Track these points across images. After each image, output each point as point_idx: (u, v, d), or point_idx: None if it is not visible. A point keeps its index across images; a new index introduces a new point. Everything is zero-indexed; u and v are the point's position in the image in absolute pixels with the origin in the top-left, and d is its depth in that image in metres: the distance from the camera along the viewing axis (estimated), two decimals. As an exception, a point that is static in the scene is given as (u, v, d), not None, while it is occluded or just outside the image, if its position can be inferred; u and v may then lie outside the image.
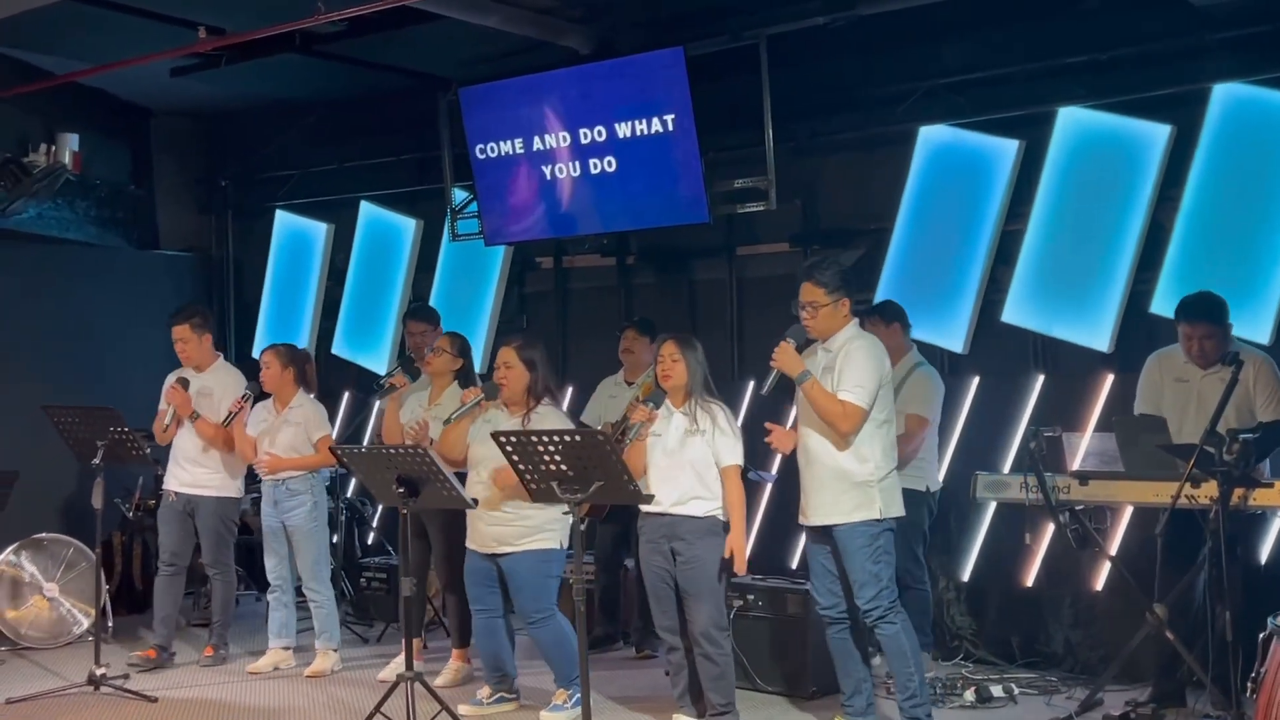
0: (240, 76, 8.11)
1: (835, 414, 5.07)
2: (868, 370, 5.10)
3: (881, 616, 5.10)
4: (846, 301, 5.22)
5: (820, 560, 5.29)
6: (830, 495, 5.14)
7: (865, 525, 5.10)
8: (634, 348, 7.13)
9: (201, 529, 7.03)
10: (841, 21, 6.56)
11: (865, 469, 5.11)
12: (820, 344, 5.28)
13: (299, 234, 9.65)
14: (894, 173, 7.02)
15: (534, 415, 5.70)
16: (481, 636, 5.94)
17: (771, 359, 5.19)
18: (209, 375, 7.09)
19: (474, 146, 7.78)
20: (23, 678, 6.75)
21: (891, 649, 5.15)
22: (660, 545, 5.37)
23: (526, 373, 5.72)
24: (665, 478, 5.34)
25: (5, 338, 8.42)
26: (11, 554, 7.47)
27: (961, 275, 6.86)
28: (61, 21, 6.62)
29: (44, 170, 7.81)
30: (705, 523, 5.33)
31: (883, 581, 5.11)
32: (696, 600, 5.31)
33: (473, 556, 5.85)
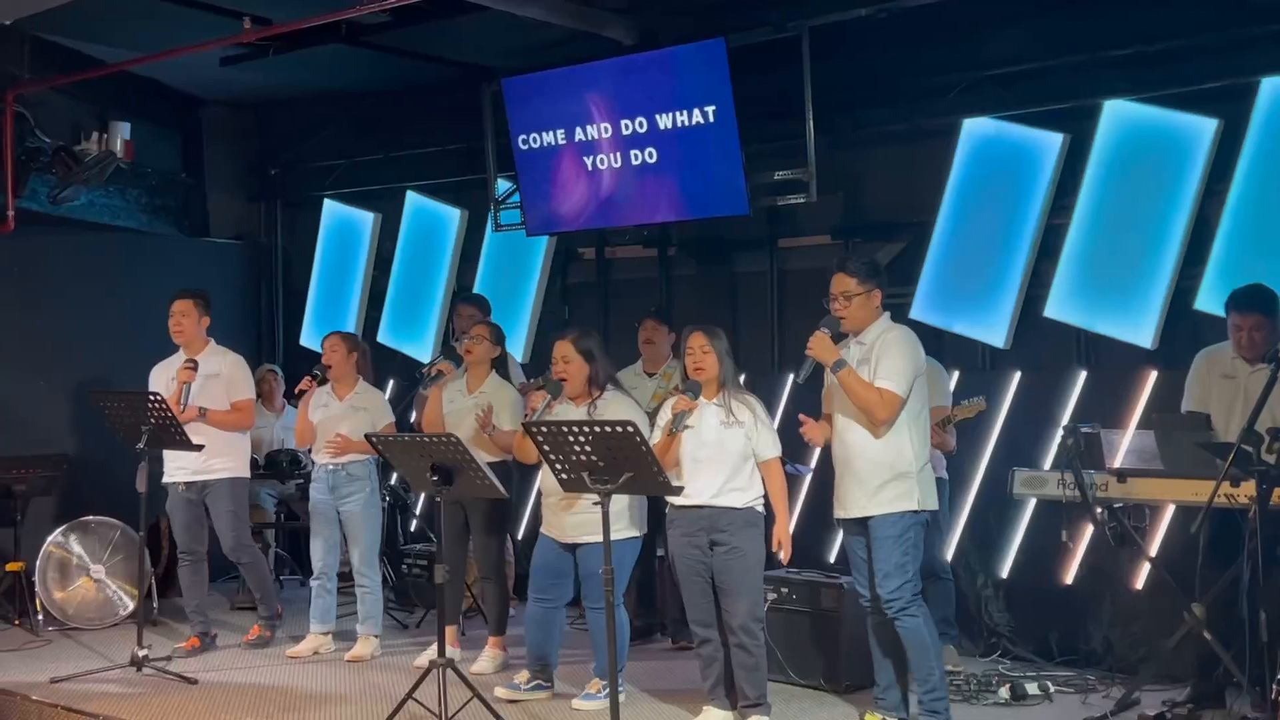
0: (288, 66, 8.20)
1: (872, 402, 5.06)
2: (905, 359, 5.11)
3: (904, 608, 5.09)
4: (878, 293, 5.24)
5: (859, 552, 5.28)
6: (870, 487, 5.13)
7: (900, 516, 5.10)
8: (654, 338, 7.14)
9: (216, 514, 7.00)
10: (885, 13, 6.51)
11: (905, 460, 5.11)
12: (853, 338, 5.26)
13: (346, 223, 9.73)
14: (937, 165, 6.96)
15: (599, 404, 5.70)
16: (535, 625, 5.92)
17: (807, 348, 5.18)
18: (207, 359, 7.03)
19: (517, 137, 7.81)
20: (69, 657, 6.88)
21: (913, 641, 5.13)
22: (697, 538, 5.35)
23: (585, 364, 5.73)
24: (702, 470, 5.32)
25: (57, 324, 8.56)
26: (60, 536, 7.63)
27: (1004, 269, 6.79)
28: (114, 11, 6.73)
29: (96, 158, 7.91)
30: (744, 514, 5.33)
31: (908, 574, 5.10)
32: (735, 592, 5.30)
33: (548, 546, 5.81)
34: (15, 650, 7.08)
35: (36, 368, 8.35)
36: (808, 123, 6.74)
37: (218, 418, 6.94)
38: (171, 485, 7.05)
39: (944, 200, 6.96)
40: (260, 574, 7.21)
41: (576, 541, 5.73)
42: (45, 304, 8.54)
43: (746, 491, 5.33)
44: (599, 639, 5.76)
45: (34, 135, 7.86)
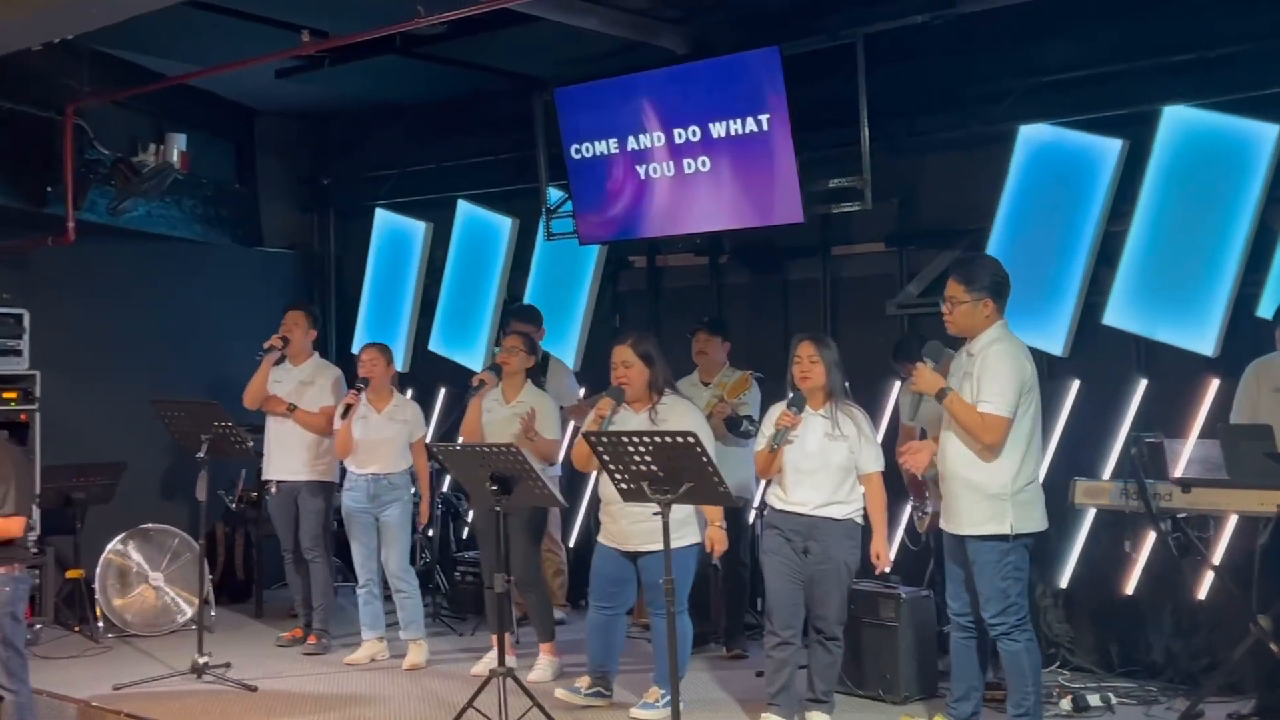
0: (342, 78, 8.26)
1: (976, 426, 4.98)
2: (1007, 377, 4.98)
3: (1006, 633, 5.03)
4: (990, 303, 5.09)
5: (954, 567, 5.25)
6: (964, 505, 5.08)
7: (995, 540, 5.00)
8: (706, 349, 7.14)
9: (302, 512, 7.25)
10: (940, 20, 6.48)
11: (998, 481, 5.00)
12: (966, 346, 5.19)
13: (398, 232, 9.79)
14: (993, 172, 6.92)
15: (660, 408, 5.69)
16: (596, 632, 5.92)
17: (912, 385, 5.19)
18: (306, 367, 7.36)
19: (569, 146, 7.83)
20: (129, 664, 6.96)
21: (1011, 665, 5.07)
22: (795, 543, 5.40)
23: (646, 368, 5.73)
24: (805, 480, 5.36)
25: (115, 333, 8.67)
26: (119, 543, 7.72)
27: (1062, 277, 6.74)
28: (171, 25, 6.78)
29: (153, 170, 7.99)
30: (844, 526, 5.39)
31: (1010, 598, 5.01)
32: (826, 597, 5.37)
33: (608, 555, 5.81)
34: (76, 657, 7.17)
35: (96, 377, 8.44)
36: (862, 130, 6.72)
37: (302, 417, 7.22)
38: (270, 484, 7.38)
39: (1000, 207, 6.91)
40: (326, 580, 7.30)
41: (639, 550, 5.71)
42: (105, 314, 8.65)
43: (847, 504, 5.38)
44: (661, 645, 5.75)
45: (93, 148, 7.96)
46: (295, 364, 7.39)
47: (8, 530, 5.25)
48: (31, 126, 7.67)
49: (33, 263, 8.27)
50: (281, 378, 7.34)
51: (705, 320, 7.33)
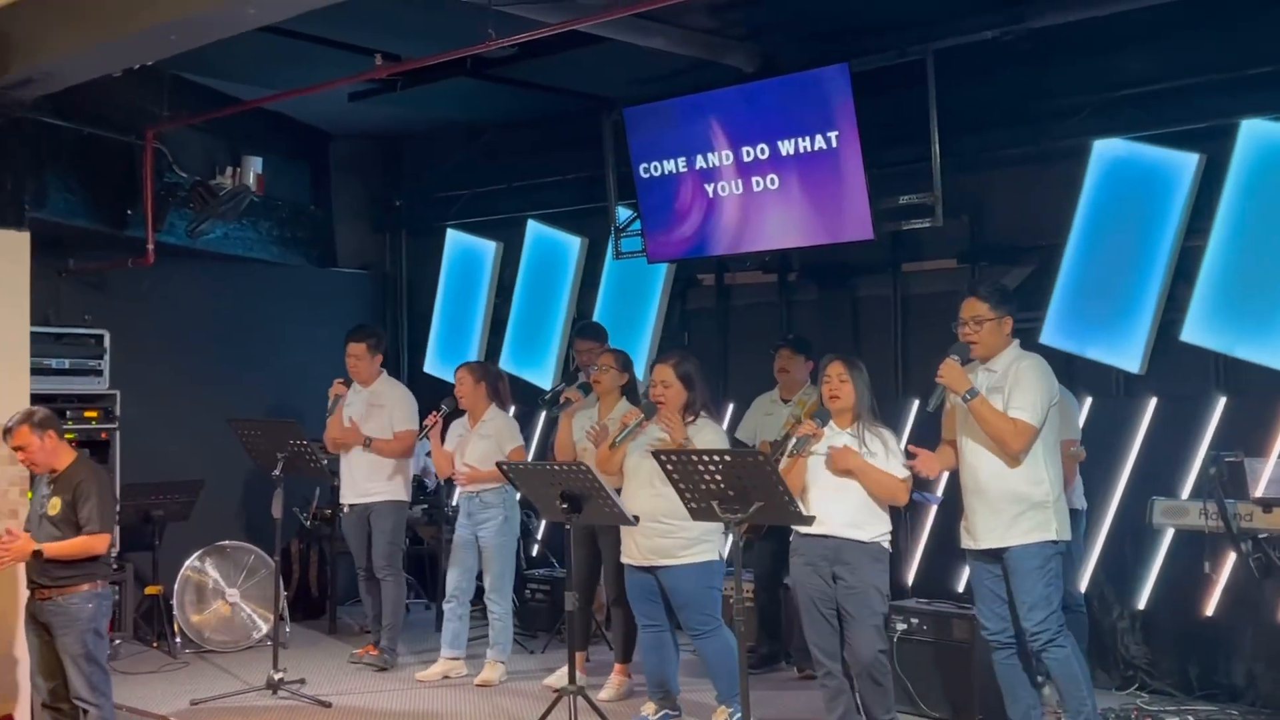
0: (414, 100, 8.37)
1: (1006, 432, 4.99)
2: (1038, 389, 5.04)
3: (1051, 640, 4.98)
4: (1009, 320, 5.18)
5: (987, 584, 5.18)
6: (1005, 518, 5.04)
7: (1040, 546, 5.00)
8: (789, 366, 7.12)
9: (375, 532, 7.31)
10: (1011, 35, 6.43)
11: (1041, 490, 5.03)
12: (981, 365, 5.19)
13: (469, 252, 9.88)
14: (1066, 187, 6.84)
15: (689, 429, 5.68)
16: (647, 651, 5.93)
17: (937, 375, 5.13)
18: (376, 389, 7.42)
19: (638, 165, 7.87)
20: (206, 679, 7.06)
21: (1062, 673, 5.02)
22: (821, 568, 5.29)
23: (684, 390, 5.72)
24: (831, 500, 5.27)
25: (193, 353, 8.82)
26: (196, 560, 7.84)
27: (1138, 293, 6.64)
28: (248, 50, 6.91)
29: (230, 192, 8.13)
30: (871, 548, 5.26)
31: (1052, 605, 5.00)
32: (861, 626, 5.24)
33: (631, 571, 5.85)
34: (154, 672, 7.29)
35: (174, 396, 8.60)
36: (933, 146, 6.67)
37: (380, 446, 7.29)
38: (343, 507, 7.45)
39: (1075, 222, 6.83)
40: (397, 598, 7.35)
41: (653, 565, 5.71)
42: (183, 334, 8.81)
43: (874, 526, 5.27)
44: (712, 666, 5.75)
45: (172, 171, 8.11)
46: (364, 387, 7.45)
47: (91, 547, 5.37)
48: (112, 151, 7.84)
49: (113, 284, 8.45)
50: (351, 399, 7.41)
51: (789, 338, 7.31)
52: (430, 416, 7.12)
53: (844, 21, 6.93)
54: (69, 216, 7.64)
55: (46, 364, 7.59)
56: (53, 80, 6.38)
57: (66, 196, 7.61)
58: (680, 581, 5.66)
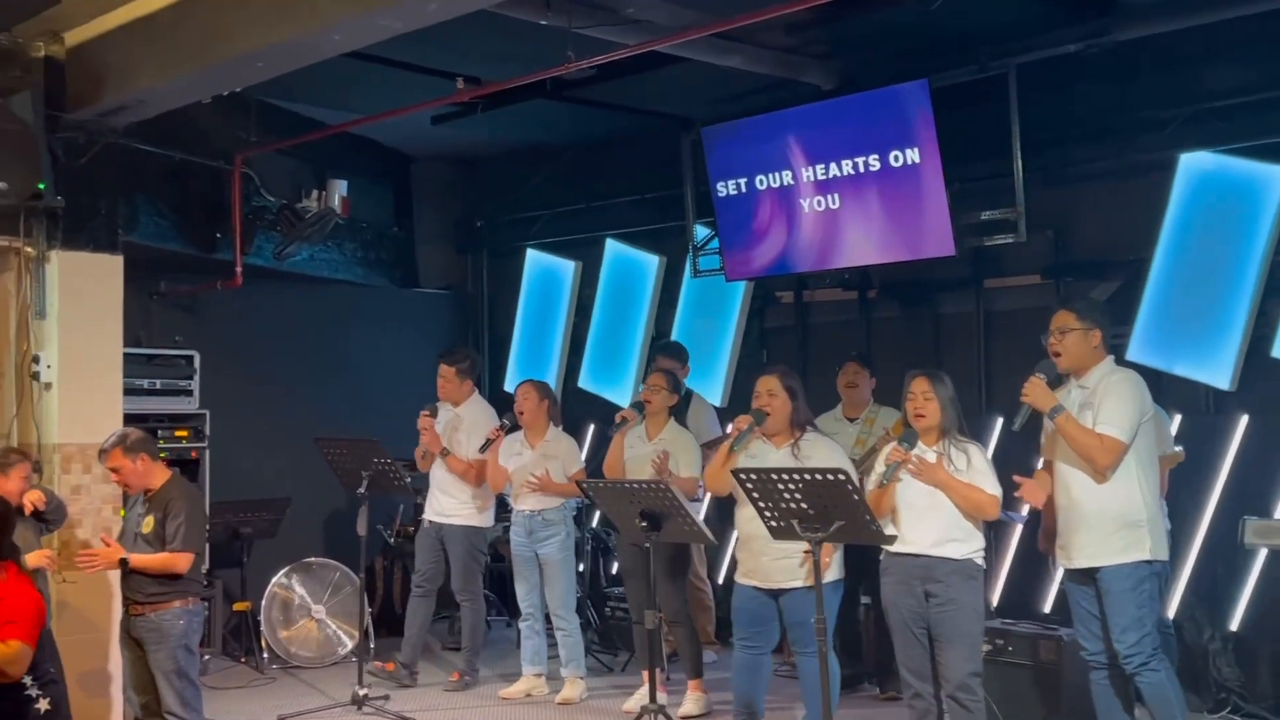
0: (495, 122, 8.47)
1: (1093, 447, 4.91)
2: (1129, 403, 4.95)
3: (1144, 663, 4.88)
4: (1098, 333, 5.08)
5: (1083, 604, 5.10)
6: (1098, 535, 4.96)
7: (1133, 567, 4.91)
8: (856, 381, 7.08)
9: (451, 557, 7.31)
10: (1095, 48, 6.35)
11: (1135, 507, 4.94)
12: (1074, 381, 5.11)
13: (548, 271, 9.96)
14: (1152, 202, 6.73)
15: (802, 445, 5.57)
16: (742, 672, 5.77)
17: (1022, 394, 5.06)
18: (462, 409, 7.42)
19: (715, 184, 7.88)
20: (293, 695, 7.16)
21: (1155, 697, 4.91)
22: (913, 587, 5.21)
23: (790, 401, 5.64)
24: (920, 519, 5.20)
25: (280, 372, 8.98)
26: (283, 577, 7.95)
27: (1228, 309, 6.51)
28: (333, 76, 7.05)
29: (315, 215, 8.27)
30: (963, 565, 5.17)
31: (1146, 627, 4.89)
32: (951, 645, 5.15)
33: (749, 593, 5.65)
34: (243, 687, 7.40)
35: (262, 415, 8.76)
36: (1015, 161, 6.61)
37: (454, 464, 7.25)
38: (424, 520, 7.46)
39: (1161, 237, 6.72)
40: (474, 622, 7.36)
41: (782, 587, 5.62)
42: (270, 354, 8.98)
43: (966, 543, 5.17)
44: (810, 686, 5.66)
45: (259, 195, 8.28)
46: (454, 405, 7.46)
47: (174, 564, 5.46)
48: (202, 176, 8.02)
49: (203, 306, 8.63)
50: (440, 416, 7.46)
51: (855, 353, 7.27)
52: (492, 431, 7.16)
53: (923, 37, 6.89)
54: (160, 240, 7.82)
55: (139, 384, 7.76)
56: (144, 108, 6.55)
57: (158, 221, 7.79)
58: (802, 601, 5.45)
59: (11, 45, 6.46)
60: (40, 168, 6.28)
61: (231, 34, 5.68)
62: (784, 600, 5.58)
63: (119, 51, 6.31)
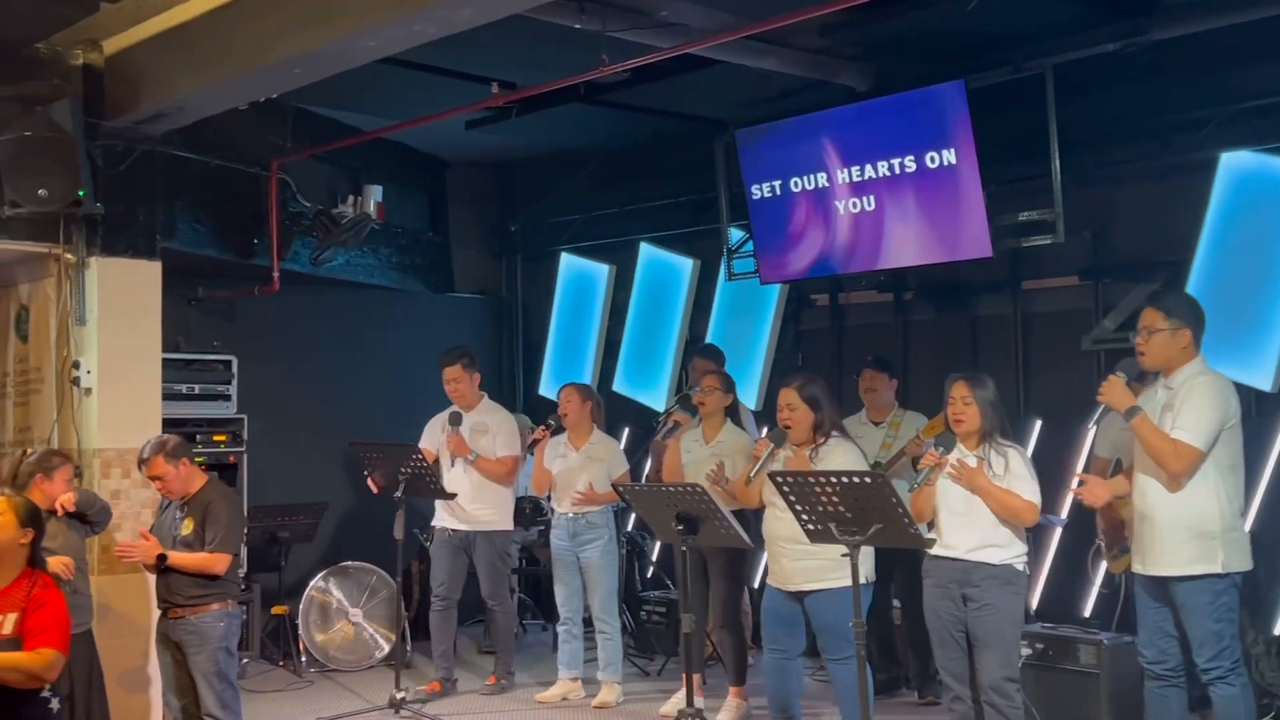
0: (529, 127, 8.48)
1: (1166, 453, 4.79)
2: (1208, 409, 4.79)
3: (1221, 677, 4.79)
4: (1188, 333, 4.90)
5: (1150, 612, 5.01)
6: (1170, 545, 4.85)
7: (1207, 581, 4.79)
8: (875, 385, 7.04)
9: (479, 564, 7.27)
10: (1133, 47, 6.30)
11: (1208, 518, 4.80)
12: (1161, 380, 5.01)
13: (583, 275, 9.97)
14: (1192, 202, 6.67)
15: (821, 450, 5.58)
16: (772, 676, 5.77)
17: (1099, 393, 5.00)
18: (480, 413, 7.40)
19: (749, 186, 7.86)
20: (330, 698, 7.19)
21: (1225, 711, 4.82)
22: (951, 590, 5.17)
23: (810, 412, 5.63)
24: (960, 523, 5.15)
25: (317, 377, 9.02)
26: (321, 580, 7.99)
27: (1269, 309, 6.43)
28: (368, 82, 7.08)
29: (351, 220, 8.30)
30: (1002, 570, 5.11)
31: (1224, 640, 4.79)
32: (988, 649, 5.11)
33: (775, 595, 5.68)
34: (281, 690, 7.44)
35: (299, 419, 8.81)
36: (1053, 162, 6.56)
37: (484, 465, 7.24)
38: (440, 530, 7.35)
39: (1202, 238, 6.65)
40: (506, 626, 7.38)
41: (802, 589, 5.59)
42: (308, 359, 9.02)
43: (1006, 548, 5.11)
44: (844, 693, 5.63)
45: (296, 200, 8.32)
46: (468, 411, 7.41)
47: (212, 565, 5.49)
48: (239, 182, 8.06)
49: (240, 311, 8.68)
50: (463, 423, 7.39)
51: (871, 358, 7.23)
52: (538, 431, 7.17)
53: (958, 38, 6.86)
54: (198, 246, 7.88)
55: (177, 389, 7.83)
56: (182, 114, 6.60)
57: (195, 227, 7.85)
58: (826, 605, 5.48)
59: (50, 54, 6.54)
60: (80, 175, 6.34)
61: (268, 41, 5.72)
62: (809, 603, 5.57)
63: (156, 59, 6.36)
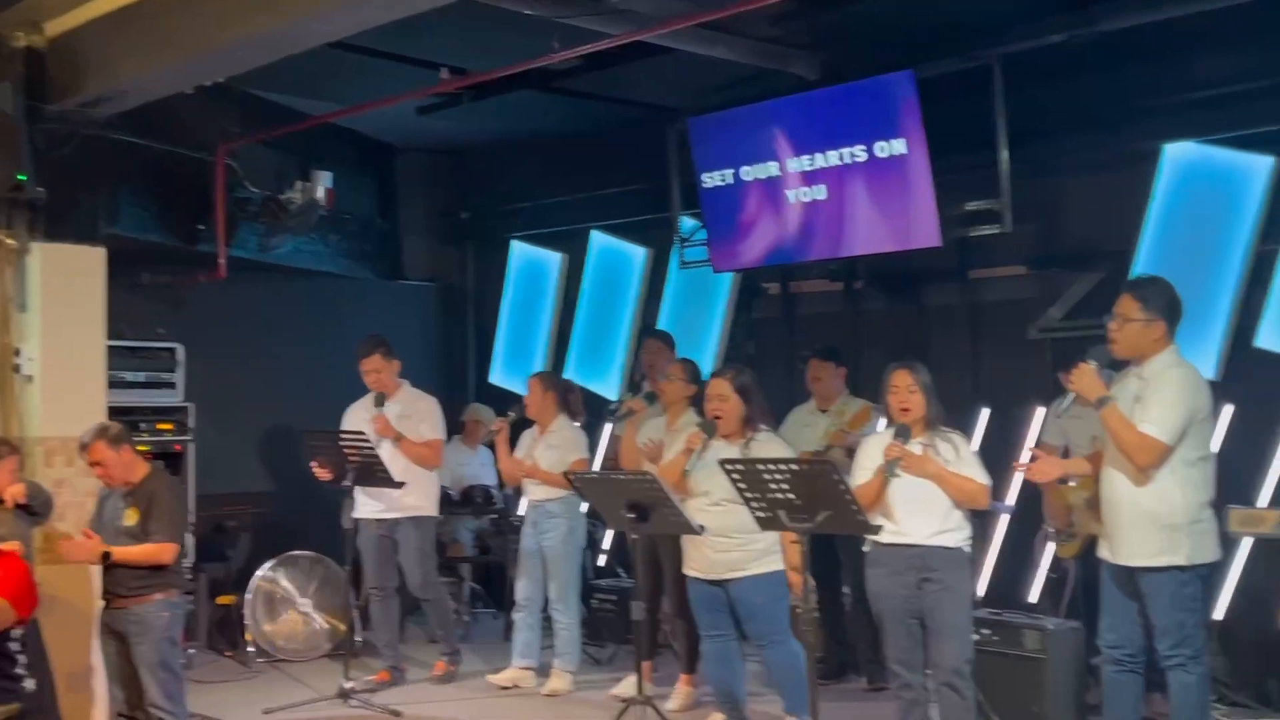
0: (480, 113, 8.43)
1: (1132, 445, 4.82)
2: (1175, 403, 4.81)
3: (1181, 664, 4.85)
4: (1162, 325, 4.91)
5: (1116, 599, 5.05)
6: (1136, 536, 4.89)
7: (1170, 574, 4.83)
8: (821, 375, 7.08)
9: (404, 552, 7.20)
10: (1080, 39, 6.35)
11: (1173, 510, 4.83)
12: (1134, 369, 5.02)
13: (534, 263, 9.94)
14: (1137, 192, 6.74)
15: (754, 443, 5.63)
16: (712, 663, 5.89)
17: (1069, 381, 5.04)
18: (402, 400, 7.35)
19: (701, 175, 7.86)
20: (278, 688, 7.14)
21: (1180, 699, 4.87)
22: (907, 577, 5.20)
23: (742, 403, 5.66)
24: (913, 510, 5.19)
25: (265, 365, 8.93)
26: (269, 570, 7.93)
27: (1212, 299, 6.52)
28: (317, 67, 7.01)
29: (300, 207, 8.21)
30: (955, 554, 5.19)
31: (1187, 629, 4.84)
32: (944, 633, 5.16)
33: (697, 584, 5.78)
34: (228, 681, 7.38)
35: (246, 408, 8.72)
36: (1001, 152, 6.61)
37: (410, 448, 7.17)
38: (363, 522, 7.22)
39: (1146, 228, 6.73)
40: (443, 611, 7.37)
41: (725, 578, 5.65)
42: (255, 346, 8.92)
43: (959, 532, 5.20)
44: (780, 677, 5.69)
45: (243, 186, 8.22)
46: (390, 398, 7.33)
47: (158, 555, 5.44)
48: (185, 167, 7.95)
49: (186, 298, 8.57)
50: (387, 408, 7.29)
51: (817, 348, 7.26)
52: (497, 423, 7.17)
53: (908, 28, 6.88)
54: (143, 232, 7.77)
55: (122, 377, 7.71)
56: (126, 98, 6.50)
57: (140, 212, 7.74)
58: (748, 593, 5.62)
59: (-10, 36, 6.43)
60: (21, 159, 6.24)
61: (215, 23, 5.64)
62: (732, 590, 5.64)
63: (101, 41, 6.26)
